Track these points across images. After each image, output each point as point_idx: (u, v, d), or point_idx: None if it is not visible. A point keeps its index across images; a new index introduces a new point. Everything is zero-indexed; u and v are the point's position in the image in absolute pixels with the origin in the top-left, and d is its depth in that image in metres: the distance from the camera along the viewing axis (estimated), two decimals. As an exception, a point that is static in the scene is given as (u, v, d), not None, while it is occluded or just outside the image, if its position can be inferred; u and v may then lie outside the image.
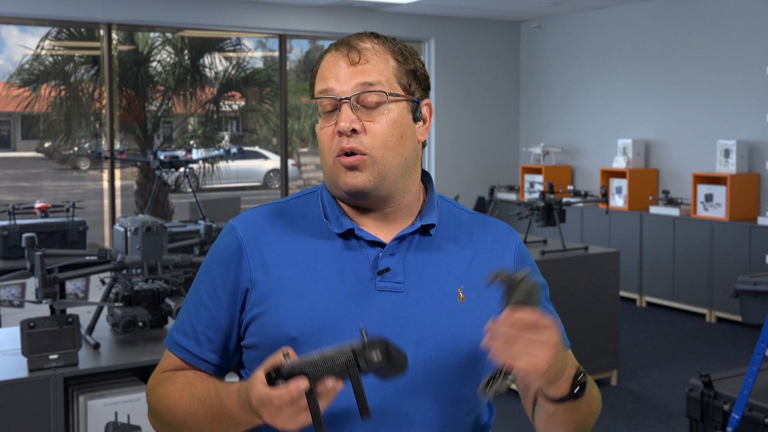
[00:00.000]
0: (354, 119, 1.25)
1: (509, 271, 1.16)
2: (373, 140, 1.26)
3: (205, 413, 1.22)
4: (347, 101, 1.25)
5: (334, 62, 1.28)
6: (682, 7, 7.39)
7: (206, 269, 1.35)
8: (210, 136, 8.74)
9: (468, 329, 1.28)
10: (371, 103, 1.26)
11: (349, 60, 1.27)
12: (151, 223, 2.88)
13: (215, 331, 1.32)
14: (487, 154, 9.04)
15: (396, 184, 1.29)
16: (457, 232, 1.37)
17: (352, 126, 1.24)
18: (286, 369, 1.09)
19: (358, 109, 1.26)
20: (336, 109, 1.27)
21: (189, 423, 1.25)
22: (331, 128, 1.27)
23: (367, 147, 1.25)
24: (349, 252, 1.29)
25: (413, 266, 1.30)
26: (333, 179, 1.29)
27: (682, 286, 6.89)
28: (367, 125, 1.26)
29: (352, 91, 1.26)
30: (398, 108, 1.28)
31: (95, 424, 2.49)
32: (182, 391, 1.27)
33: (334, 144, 1.26)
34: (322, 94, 1.28)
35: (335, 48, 1.30)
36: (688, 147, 7.38)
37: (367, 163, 1.25)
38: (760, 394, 2.81)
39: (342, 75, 1.26)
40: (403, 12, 8.32)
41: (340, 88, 1.26)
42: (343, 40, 1.31)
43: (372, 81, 1.26)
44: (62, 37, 7.85)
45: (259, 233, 1.32)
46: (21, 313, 4.08)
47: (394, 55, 1.30)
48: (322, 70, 1.30)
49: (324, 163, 1.30)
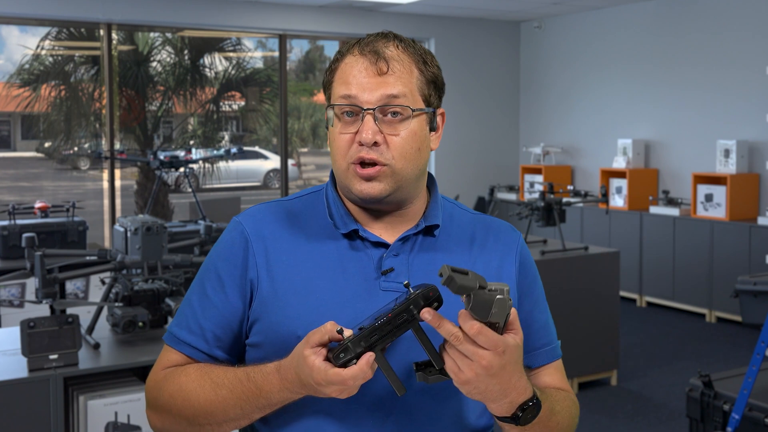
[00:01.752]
0: (377, 131, 1.24)
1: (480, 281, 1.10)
2: (394, 152, 1.25)
3: (235, 399, 1.22)
4: (371, 112, 1.24)
5: (359, 68, 1.26)
6: (682, 7, 7.39)
7: (211, 265, 1.35)
8: (210, 136, 8.74)
9: None
10: (394, 115, 1.26)
11: (376, 69, 1.25)
12: (151, 223, 2.88)
13: (222, 328, 1.31)
14: (487, 154, 9.04)
15: (409, 192, 1.31)
16: (461, 232, 1.37)
17: (375, 139, 1.24)
18: (353, 345, 1.10)
19: (381, 121, 1.25)
20: (356, 116, 1.26)
21: (214, 411, 1.25)
22: (350, 136, 1.26)
23: (387, 159, 1.25)
24: (353, 252, 1.30)
25: (417, 267, 1.30)
26: (346, 184, 1.28)
27: (682, 286, 6.89)
28: (389, 138, 1.25)
29: (377, 102, 1.25)
30: (418, 121, 1.28)
31: (95, 424, 2.49)
32: (200, 381, 1.26)
33: (352, 151, 1.26)
34: (345, 100, 1.26)
35: (359, 52, 1.28)
36: (688, 147, 7.38)
37: (385, 174, 1.25)
38: (760, 394, 2.81)
39: (367, 84, 1.25)
40: (403, 12, 8.32)
41: (364, 98, 1.25)
42: (368, 43, 1.28)
43: (397, 93, 1.25)
44: (62, 37, 7.85)
45: (265, 230, 1.32)
46: (21, 313, 4.08)
47: (418, 65, 1.29)
48: (345, 74, 1.28)
49: (336, 166, 1.30)
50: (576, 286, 4.79)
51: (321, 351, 1.13)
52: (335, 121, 1.29)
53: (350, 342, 1.10)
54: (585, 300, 4.83)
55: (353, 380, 1.11)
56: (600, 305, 4.90)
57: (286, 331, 1.25)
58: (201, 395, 1.26)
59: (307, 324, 1.24)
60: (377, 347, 1.11)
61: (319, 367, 1.12)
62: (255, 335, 1.30)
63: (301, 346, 1.15)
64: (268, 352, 1.28)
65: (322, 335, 1.13)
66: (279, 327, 1.26)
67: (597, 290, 4.90)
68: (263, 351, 1.29)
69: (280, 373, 1.18)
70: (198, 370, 1.29)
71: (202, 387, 1.26)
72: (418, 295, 1.10)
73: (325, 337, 1.13)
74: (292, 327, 1.25)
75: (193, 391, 1.27)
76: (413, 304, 1.09)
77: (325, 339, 1.13)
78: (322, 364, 1.12)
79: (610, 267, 4.97)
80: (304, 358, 1.13)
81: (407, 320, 1.10)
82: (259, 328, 1.29)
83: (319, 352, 1.13)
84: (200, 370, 1.29)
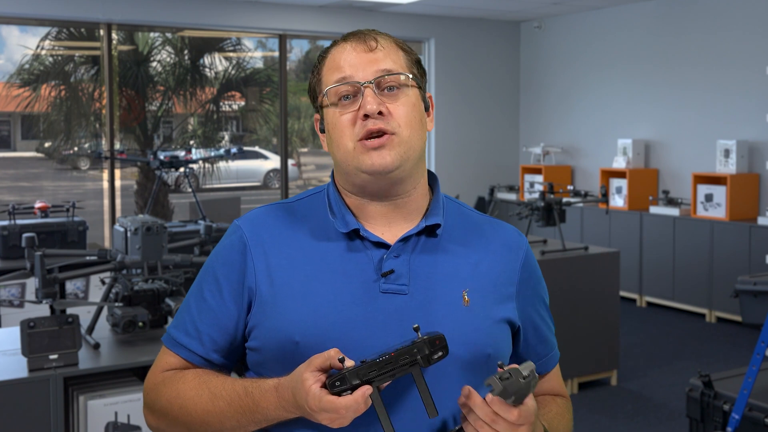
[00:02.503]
0: (380, 101, 1.26)
1: (511, 369, 1.15)
2: (399, 120, 1.27)
3: (232, 412, 1.23)
4: (370, 85, 1.27)
5: (348, 51, 1.30)
6: (682, 7, 7.39)
7: (210, 269, 1.35)
8: (210, 136, 8.74)
9: (472, 332, 1.28)
10: (391, 89, 1.28)
11: (366, 46, 1.29)
12: (151, 223, 2.88)
13: (219, 332, 1.31)
14: (487, 154, 9.04)
15: (413, 168, 1.31)
16: (464, 233, 1.36)
17: (379, 108, 1.26)
18: (350, 376, 1.10)
19: (379, 95, 1.27)
20: (355, 96, 1.28)
21: (210, 421, 1.25)
22: (353, 114, 1.27)
23: (394, 127, 1.27)
24: (353, 254, 1.29)
25: (418, 268, 1.29)
26: (354, 164, 1.28)
27: (682, 286, 6.89)
28: (391, 107, 1.27)
29: (373, 76, 1.28)
30: (414, 93, 1.31)
31: (95, 424, 2.49)
32: (198, 390, 1.27)
33: (357, 128, 1.27)
34: (340, 82, 1.28)
35: (343, 40, 1.32)
36: (688, 147, 7.38)
37: (394, 142, 1.26)
38: (760, 394, 2.81)
39: (360, 62, 1.28)
40: (403, 12, 8.32)
41: (360, 74, 1.28)
42: (350, 33, 1.33)
43: (389, 68, 1.28)
44: (62, 37, 7.85)
45: (264, 234, 1.32)
46: (21, 313, 4.08)
47: (401, 46, 1.33)
48: (335, 60, 1.30)
49: (341, 150, 1.29)
50: (576, 286, 4.79)
51: (320, 377, 1.13)
52: (332, 111, 1.30)
53: (348, 372, 1.10)
54: (585, 300, 4.83)
55: (346, 410, 1.10)
56: (600, 305, 4.90)
57: (284, 336, 1.25)
58: (198, 405, 1.26)
59: (305, 328, 1.24)
60: (374, 383, 1.11)
61: (315, 393, 1.11)
62: (254, 340, 1.30)
63: (303, 367, 1.14)
64: (266, 357, 1.28)
65: (324, 360, 1.12)
66: (277, 332, 1.26)
67: (597, 290, 4.90)
68: (262, 355, 1.29)
69: (278, 391, 1.18)
70: (196, 378, 1.29)
71: (199, 396, 1.26)
72: (425, 341, 1.10)
73: (326, 363, 1.12)
74: (290, 331, 1.25)
75: (191, 399, 1.27)
76: (417, 349, 1.10)
77: (326, 365, 1.12)
78: (318, 390, 1.11)
79: (610, 267, 4.97)
80: (302, 381, 1.13)
81: (409, 363, 1.10)
82: (258, 332, 1.28)
83: (318, 377, 1.13)
84: (198, 379, 1.29)
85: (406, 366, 1.10)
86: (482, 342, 1.28)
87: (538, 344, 1.41)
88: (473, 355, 1.28)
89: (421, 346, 1.10)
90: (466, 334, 1.27)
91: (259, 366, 1.31)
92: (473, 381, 1.28)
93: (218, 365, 1.33)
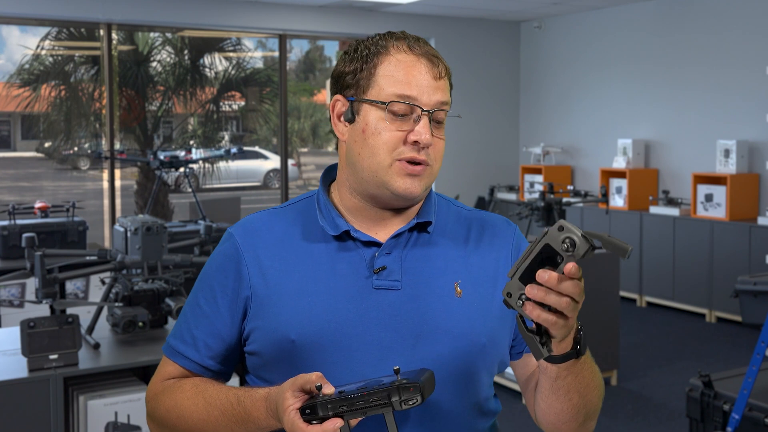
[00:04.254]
0: (431, 133, 1.28)
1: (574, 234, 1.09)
2: (436, 154, 1.30)
3: (226, 421, 1.24)
4: (427, 114, 1.27)
5: (418, 70, 1.28)
6: (682, 7, 7.39)
7: (205, 277, 1.37)
8: (210, 136, 8.74)
9: (466, 323, 1.29)
10: (440, 121, 1.30)
11: (436, 74, 1.28)
12: (151, 223, 2.88)
13: (214, 339, 1.33)
14: (487, 154, 9.04)
15: None
16: (455, 228, 1.37)
17: (432, 142, 1.27)
18: (321, 407, 1.10)
19: (431, 125, 1.28)
20: (408, 116, 1.27)
21: (206, 429, 1.27)
22: (402, 134, 1.27)
23: (432, 160, 1.29)
24: (345, 253, 1.30)
25: (410, 263, 1.31)
26: (384, 178, 1.28)
27: (682, 286, 6.89)
28: (435, 140, 1.29)
29: (434, 106, 1.28)
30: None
31: (95, 424, 2.49)
32: (194, 399, 1.29)
33: (402, 149, 1.27)
34: (402, 99, 1.27)
35: (411, 51, 1.29)
36: (688, 147, 7.38)
37: (426, 173, 1.29)
38: (760, 394, 2.81)
39: (428, 87, 1.28)
40: (403, 12, 8.32)
41: (425, 100, 1.27)
42: (415, 44, 1.30)
43: (446, 100, 1.30)
44: (62, 37, 7.85)
45: (257, 239, 1.33)
46: (21, 313, 4.08)
47: (449, 74, 1.34)
48: (403, 72, 1.27)
49: (375, 160, 1.27)
50: (576, 286, 4.78)
51: (301, 397, 1.12)
52: (379, 117, 1.27)
53: (320, 403, 1.10)
54: (585, 300, 4.77)
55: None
56: (600, 305, 4.90)
57: (280, 336, 1.27)
58: (194, 414, 1.28)
59: (300, 326, 1.26)
60: (346, 417, 1.10)
61: (289, 415, 1.11)
62: (251, 344, 1.31)
63: (288, 384, 1.14)
64: (265, 359, 1.30)
65: (305, 382, 1.12)
66: (273, 333, 1.27)
67: (597, 290, 4.90)
68: (261, 358, 1.31)
69: (267, 401, 1.19)
70: (193, 388, 1.31)
71: (195, 405, 1.28)
72: (399, 387, 1.09)
73: (306, 386, 1.12)
74: (286, 331, 1.26)
75: (187, 408, 1.29)
76: (390, 393, 1.09)
77: (306, 387, 1.12)
78: (293, 413, 1.11)
79: (610, 267, 4.97)
80: (283, 399, 1.13)
81: (381, 404, 1.10)
82: (255, 336, 1.30)
83: (297, 397, 1.12)
84: (195, 388, 1.30)
85: (377, 406, 1.10)
86: (477, 332, 1.29)
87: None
88: (468, 345, 1.28)
89: (395, 391, 1.09)
90: (459, 324, 1.28)
91: (259, 369, 1.33)
92: (468, 371, 1.29)
93: (215, 372, 1.35)
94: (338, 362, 1.25)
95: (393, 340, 1.26)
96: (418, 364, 1.24)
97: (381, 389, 1.10)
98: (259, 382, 1.33)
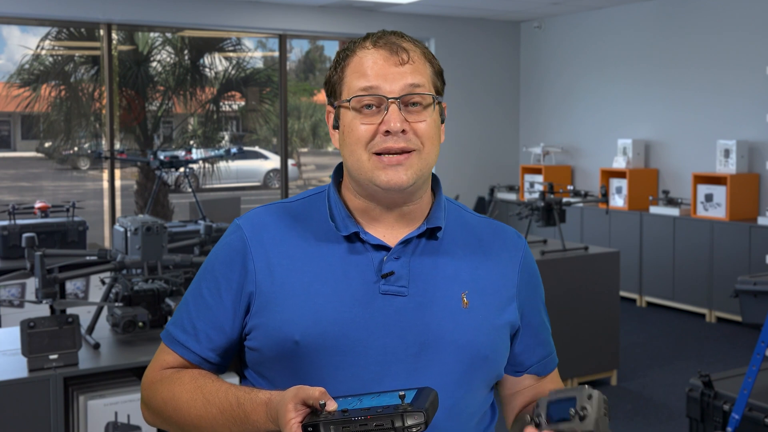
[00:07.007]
0: (403, 119, 1.25)
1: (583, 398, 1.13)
2: (421, 137, 1.27)
3: (224, 420, 1.23)
4: (395, 101, 1.25)
5: (377, 60, 1.27)
6: (682, 7, 7.39)
7: (210, 267, 1.35)
8: (210, 136, 8.74)
9: (471, 334, 1.28)
10: (414, 104, 1.27)
11: (398, 59, 1.27)
12: (151, 223, 2.88)
13: (215, 330, 1.31)
14: (487, 154, 9.04)
15: (425, 182, 1.32)
16: (465, 236, 1.36)
17: (402, 126, 1.25)
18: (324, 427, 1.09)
19: (403, 110, 1.26)
20: (378, 107, 1.26)
21: (203, 426, 1.26)
22: (373, 126, 1.26)
23: (416, 144, 1.26)
24: (354, 256, 1.29)
25: (418, 270, 1.29)
26: (367, 175, 1.27)
27: (682, 286, 6.89)
28: (414, 125, 1.26)
29: (400, 91, 1.26)
30: (435, 110, 1.30)
31: (95, 424, 2.49)
32: (193, 394, 1.27)
33: (376, 141, 1.26)
34: (366, 92, 1.26)
35: (374, 45, 1.29)
36: (688, 147, 7.38)
37: (413, 160, 1.26)
38: (760, 394, 2.81)
39: (390, 74, 1.26)
40: (403, 12, 8.32)
41: (388, 87, 1.26)
42: (380, 37, 1.30)
43: (418, 83, 1.27)
44: (62, 37, 7.85)
45: (265, 234, 1.31)
46: (21, 313, 4.08)
47: (428, 57, 1.31)
48: (362, 66, 1.28)
49: (354, 158, 1.28)
50: (576, 286, 4.79)
51: (303, 410, 1.10)
52: (351, 116, 1.28)
53: (323, 421, 1.09)
54: (585, 300, 4.83)
55: None
56: (600, 305, 4.90)
57: (284, 336, 1.25)
58: (192, 409, 1.26)
59: (305, 328, 1.24)
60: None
61: (291, 427, 1.09)
62: (253, 340, 1.30)
63: (291, 394, 1.12)
64: (266, 356, 1.28)
65: (308, 397, 1.10)
66: (277, 331, 1.26)
67: (597, 290, 4.90)
68: (262, 355, 1.29)
69: (268, 407, 1.17)
70: (192, 382, 1.29)
71: (194, 400, 1.26)
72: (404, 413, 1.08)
73: (309, 401, 1.10)
74: (289, 331, 1.25)
75: (185, 402, 1.27)
76: (394, 419, 1.08)
77: (309, 402, 1.10)
78: (295, 424, 1.09)
79: (610, 267, 4.97)
80: (285, 411, 1.11)
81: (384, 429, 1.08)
82: (258, 332, 1.29)
83: (300, 410, 1.10)
84: (194, 382, 1.28)
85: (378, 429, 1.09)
86: (480, 344, 1.29)
87: (538, 346, 1.41)
88: (471, 357, 1.28)
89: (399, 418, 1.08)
90: (464, 335, 1.28)
91: (258, 365, 1.31)
92: (470, 383, 1.29)
93: (214, 364, 1.34)
94: (340, 365, 1.24)
95: (397, 347, 1.25)
96: (420, 372, 1.24)
97: (386, 415, 1.08)
98: (258, 377, 1.32)
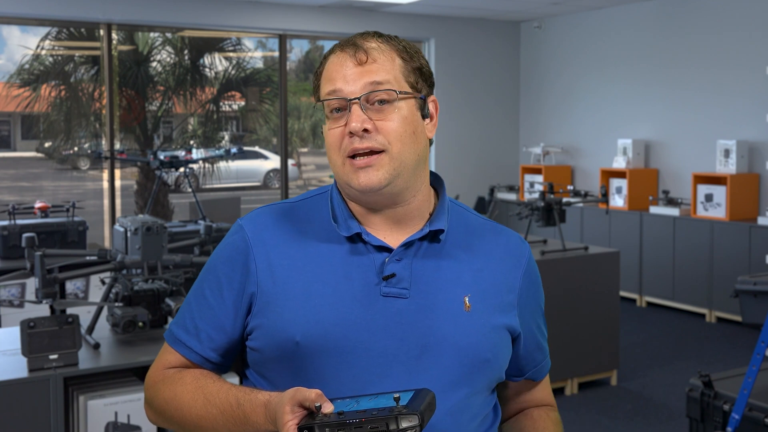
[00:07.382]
0: (365, 119, 1.24)
1: None
2: (388, 137, 1.25)
3: (224, 421, 1.23)
4: (357, 101, 1.24)
5: (341, 63, 1.27)
6: (681, 7, 7.39)
7: (212, 267, 1.35)
8: (210, 136, 8.74)
9: (472, 336, 1.28)
10: (381, 102, 1.25)
11: (356, 60, 1.26)
12: (151, 223, 2.88)
13: (216, 330, 1.32)
14: (487, 154, 9.04)
15: (408, 181, 1.29)
16: (468, 238, 1.35)
17: (363, 126, 1.24)
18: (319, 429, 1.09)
19: (368, 109, 1.25)
20: (345, 110, 1.26)
21: (203, 426, 1.26)
22: (341, 129, 1.26)
23: (383, 144, 1.25)
24: (355, 257, 1.29)
25: (420, 272, 1.29)
26: (344, 179, 1.27)
27: (682, 286, 6.89)
28: (379, 124, 1.25)
29: (361, 91, 1.25)
30: (407, 105, 1.28)
31: (95, 424, 2.49)
32: (194, 394, 1.27)
33: (344, 144, 1.25)
34: (330, 96, 1.27)
35: (340, 49, 1.29)
36: (688, 147, 7.38)
37: (383, 161, 1.25)
38: (760, 394, 2.81)
39: (350, 75, 1.26)
40: (403, 12, 8.32)
41: (348, 89, 1.25)
42: (348, 40, 1.30)
43: (380, 80, 1.25)
44: (62, 37, 7.85)
45: (267, 234, 1.31)
46: (21, 313, 4.08)
47: (400, 54, 1.29)
48: (329, 71, 1.28)
49: (333, 164, 1.29)
50: (576, 286, 4.79)
51: (300, 413, 1.10)
52: (326, 120, 1.29)
53: (318, 423, 1.09)
54: (585, 300, 4.83)
55: None
56: (600, 305, 4.90)
57: (285, 337, 1.25)
58: (193, 409, 1.27)
59: (306, 328, 1.24)
60: None
61: (287, 428, 1.09)
62: (254, 340, 1.30)
63: (289, 396, 1.12)
64: (267, 357, 1.28)
65: (304, 399, 1.10)
66: (278, 332, 1.26)
67: (597, 290, 4.90)
68: (263, 355, 1.29)
69: (267, 408, 1.17)
70: (194, 382, 1.29)
71: (194, 400, 1.27)
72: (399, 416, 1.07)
73: (305, 403, 1.10)
74: (291, 332, 1.25)
75: (186, 402, 1.28)
76: (389, 422, 1.08)
77: (306, 404, 1.10)
78: (291, 426, 1.09)
79: (610, 267, 4.97)
80: (283, 412, 1.11)
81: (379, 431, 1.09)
82: (259, 332, 1.29)
83: (296, 413, 1.10)
84: (196, 383, 1.29)
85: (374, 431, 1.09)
86: (481, 347, 1.29)
87: (535, 351, 1.42)
88: (472, 359, 1.28)
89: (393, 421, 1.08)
90: (465, 338, 1.27)
91: (259, 365, 1.31)
92: (469, 386, 1.29)
93: (215, 364, 1.34)
94: (341, 367, 1.24)
95: (398, 349, 1.25)
96: (421, 374, 1.24)
97: (380, 418, 1.08)
98: (259, 378, 1.32)
